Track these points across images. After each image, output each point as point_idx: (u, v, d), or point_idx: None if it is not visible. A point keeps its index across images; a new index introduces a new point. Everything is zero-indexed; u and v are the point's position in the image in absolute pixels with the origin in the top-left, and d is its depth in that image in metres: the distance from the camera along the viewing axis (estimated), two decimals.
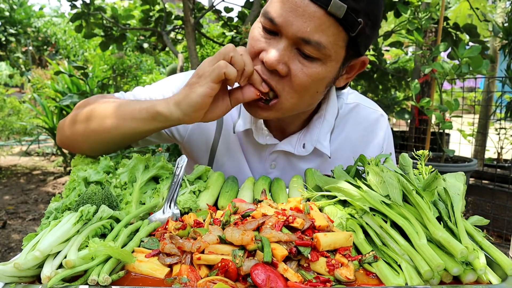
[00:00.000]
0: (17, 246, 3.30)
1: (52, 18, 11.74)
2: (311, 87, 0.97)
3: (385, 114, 1.34)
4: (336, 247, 0.68)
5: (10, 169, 5.95)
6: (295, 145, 1.18)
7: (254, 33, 0.99)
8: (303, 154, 1.18)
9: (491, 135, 4.38)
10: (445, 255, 0.63)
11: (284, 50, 0.92)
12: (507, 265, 0.62)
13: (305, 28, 0.88)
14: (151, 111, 0.97)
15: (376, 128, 1.28)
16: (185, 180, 0.99)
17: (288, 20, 0.89)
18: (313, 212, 0.77)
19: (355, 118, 1.26)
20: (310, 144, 1.17)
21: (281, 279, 0.59)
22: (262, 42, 0.96)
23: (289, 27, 0.89)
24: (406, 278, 0.62)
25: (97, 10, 3.48)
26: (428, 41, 3.82)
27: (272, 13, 0.91)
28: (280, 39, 0.93)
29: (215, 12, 3.70)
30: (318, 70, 0.94)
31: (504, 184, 3.66)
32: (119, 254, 0.63)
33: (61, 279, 0.58)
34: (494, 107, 3.81)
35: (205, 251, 0.64)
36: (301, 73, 0.93)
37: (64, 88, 5.34)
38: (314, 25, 0.87)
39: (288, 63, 0.93)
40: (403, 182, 0.74)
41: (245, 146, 1.25)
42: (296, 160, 1.23)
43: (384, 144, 1.29)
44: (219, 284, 0.58)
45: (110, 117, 1.04)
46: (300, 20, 0.87)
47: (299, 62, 0.93)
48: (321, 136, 1.17)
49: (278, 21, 0.90)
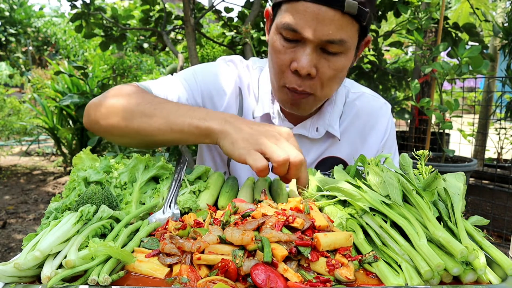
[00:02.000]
0: (17, 246, 3.30)
1: (52, 18, 11.74)
2: (337, 77, 1.09)
3: (388, 103, 1.41)
4: (336, 247, 0.68)
5: (10, 169, 5.95)
6: (309, 128, 1.27)
7: (277, 47, 1.06)
8: (317, 137, 1.28)
9: (491, 135, 4.38)
10: (445, 255, 0.63)
11: (311, 55, 1.01)
12: (507, 265, 0.62)
13: (327, 31, 0.98)
14: (202, 127, 0.91)
15: (380, 114, 1.36)
16: (185, 180, 0.99)
17: (311, 27, 0.98)
18: (313, 212, 0.77)
19: (360, 104, 1.35)
20: (323, 128, 1.27)
21: (281, 279, 0.59)
22: (288, 53, 1.05)
23: (313, 34, 0.98)
24: (406, 278, 0.62)
25: (97, 10, 3.48)
26: (428, 41, 3.82)
27: (294, 24, 1.00)
28: (305, 45, 1.02)
29: (215, 12, 3.69)
30: (342, 61, 1.05)
31: (504, 184, 3.66)
32: (119, 254, 0.63)
33: (61, 279, 0.58)
34: (494, 107, 3.81)
35: (205, 251, 0.64)
36: (328, 70, 1.05)
37: (64, 88, 5.34)
38: (335, 27, 0.97)
39: (316, 65, 1.03)
40: (403, 182, 0.74)
41: None
42: (310, 144, 1.31)
43: (387, 131, 1.36)
44: (219, 284, 0.58)
45: (157, 123, 0.96)
46: (321, 25, 0.97)
47: (325, 60, 1.04)
48: (332, 120, 1.27)
49: (302, 31, 0.99)
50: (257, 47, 3.49)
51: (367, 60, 4.12)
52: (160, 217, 0.84)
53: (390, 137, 1.37)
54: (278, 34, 1.06)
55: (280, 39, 1.06)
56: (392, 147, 1.38)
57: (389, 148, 1.36)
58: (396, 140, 1.41)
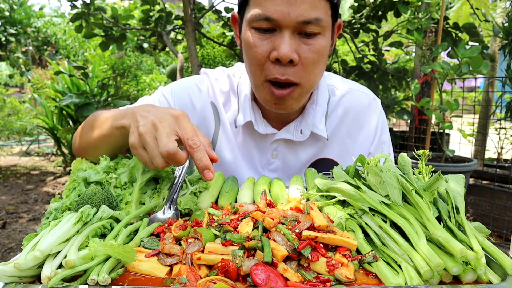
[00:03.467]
0: (17, 246, 3.30)
1: (52, 18, 11.74)
2: (319, 61, 1.05)
3: (378, 98, 1.37)
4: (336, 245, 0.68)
5: (10, 169, 5.95)
6: (293, 132, 1.24)
7: (251, 41, 1.03)
8: (301, 140, 1.24)
9: (491, 135, 4.38)
10: (445, 255, 0.63)
11: (290, 40, 0.98)
12: (508, 265, 0.62)
13: (301, 12, 0.96)
14: (118, 125, 0.95)
15: (370, 111, 1.32)
16: (186, 181, 0.99)
17: (284, 11, 0.96)
18: (313, 212, 0.77)
19: (348, 102, 1.31)
20: (307, 129, 1.23)
21: (281, 279, 0.59)
22: (265, 45, 1.02)
23: (288, 18, 0.96)
24: (406, 278, 0.62)
25: (97, 10, 3.48)
26: (428, 41, 3.82)
27: (266, 12, 0.97)
28: (281, 32, 0.99)
29: (215, 12, 3.69)
30: (322, 43, 1.02)
31: (504, 184, 3.66)
32: (119, 253, 0.62)
33: (61, 279, 0.58)
34: (494, 107, 3.81)
35: (205, 251, 0.64)
36: (310, 53, 1.01)
37: (64, 88, 5.34)
38: (307, 6, 0.96)
39: (297, 50, 1.00)
40: (402, 182, 0.74)
41: (245, 140, 1.28)
42: (297, 147, 1.28)
43: (378, 127, 1.32)
44: (219, 284, 0.58)
45: (96, 133, 1.06)
46: (294, 7, 0.95)
47: (304, 44, 1.01)
48: (316, 120, 1.23)
49: (275, 17, 0.97)
50: None
51: (367, 60, 4.12)
52: (160, 217, 0.84)
53: (383, 133, 1.34)
54: (251, 29, 1.03)
55: (254, 33, 1.02)
56: (385, 142, 1.34)
57: (382, 144, 1.33)
58: (389, 134, 1.37)
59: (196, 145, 0.79)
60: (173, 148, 0.78)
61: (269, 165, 1.29)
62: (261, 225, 0.71)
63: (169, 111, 0.86)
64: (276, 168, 1.29)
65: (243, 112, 1.22)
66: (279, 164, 1.29)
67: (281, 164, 1.29)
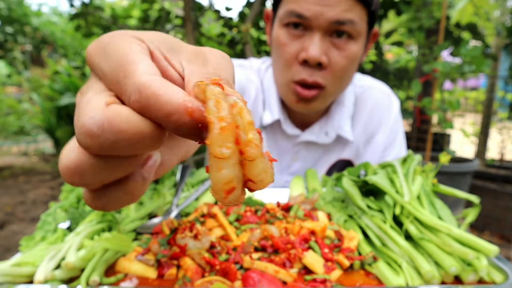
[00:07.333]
0: (15, 247, 3.26)
1: (50, 17, 11.71)
2: (350, 68, 1.01)
3: (394, 94, 1.31)
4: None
5: (8, 169, 5.91)
6: (318, 133, 1.17)
7: (282, 40, 0.99)
8: (327, 142, 1.17)
9: (493, 135, 4.36)
10: (445, 254, 0.62)
11: (320, 41, 0.95)
12: (490, 250, 0.60)
13: (335, 12, 0.93)
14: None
15: (389, 110, 1.25)
16: (187, 184, 0.97)
17: (317, 11, 0.92)
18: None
19: (369, 101, 1.24)
20: (333, 131, 1.16)
21: (278, 280, 0.58)
22: (294, 45, 0.98)
23: (320, 17, 0.93)
24: (407, 278, 0.60)
25: (96, 9, 3.45)
26: (431, 40, 3.80)
27: (298, 8, 0.94)
28: (312, 33, 0.96)
29: (214, 11, 3.67)
30: (354, 49, 0.98)
31: (506, 185, 3.64)
32: (117, 243, 0.62)
33: (59, 279, 0.57)
34: (497, 106, 3.79)
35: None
36: (340, 58, 0.98)
37: (62, 87, 5.31)
38: (342, 8, 0.93)
39: (327, 53, 0.96)
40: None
41: (267, 142, 1.21)
42: (319, 149, 1.20)
43: (394, 126, 1.25)
44: (216, 284, 0.57)
45: None
46: (328, 8, 0.92)
47: (335, 49, 0.97)
48: (342, 122, 1.17)
49: (308, 15, 0.93)
50: (257, 46, 3.46)
51: (368, 60, 4.10)
52: (159, 221, 0.81)
53: (399, 132, 1.27)
54: (282, 28, 1.00)
55: (285, 31, 0.99)
56: (401, 142, 1.27)
57: (396, 142, 1.26)
58: (403, 134, 1.30)
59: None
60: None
61: (289, 168, 1.21)
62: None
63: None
64: (295, 171, 1.22)
65: (270, 109, 1.15)
66: (299, 167, 1.21)
67: (302, 168, 1.21)
